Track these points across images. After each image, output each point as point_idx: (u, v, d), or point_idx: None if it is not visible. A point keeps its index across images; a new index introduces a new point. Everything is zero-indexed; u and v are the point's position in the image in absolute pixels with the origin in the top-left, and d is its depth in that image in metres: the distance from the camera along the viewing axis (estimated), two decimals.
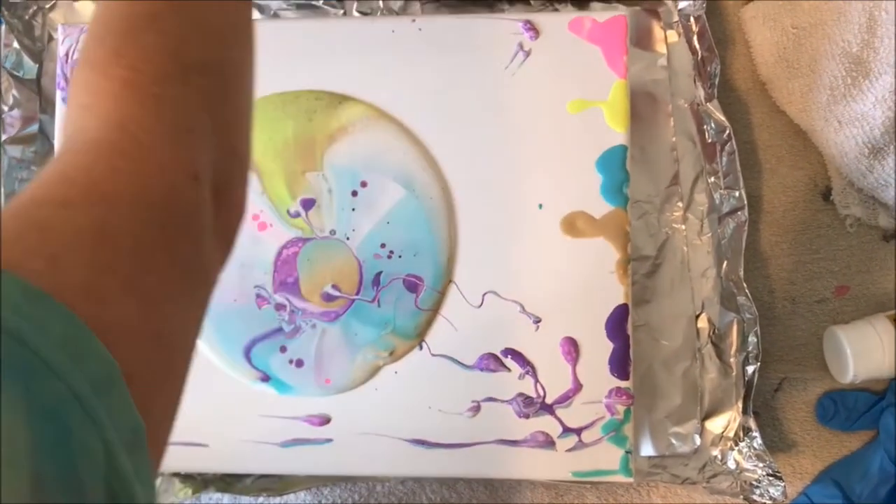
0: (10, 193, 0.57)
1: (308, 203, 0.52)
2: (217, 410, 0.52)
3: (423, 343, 0.51)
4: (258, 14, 0.59)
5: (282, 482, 0.54)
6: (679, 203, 0.56)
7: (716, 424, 0.55)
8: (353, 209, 0.52)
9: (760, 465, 0.53)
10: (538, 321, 0.51)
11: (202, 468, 0.53)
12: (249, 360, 0.51)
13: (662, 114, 0.57)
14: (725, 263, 0.55)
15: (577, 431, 0.50)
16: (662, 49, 0.57)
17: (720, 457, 0.54)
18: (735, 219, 0.54)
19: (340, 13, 0.59)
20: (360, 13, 0.59)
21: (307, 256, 0.52)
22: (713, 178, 0.56)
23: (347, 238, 0.52)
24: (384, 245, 0.51)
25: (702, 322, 0.56)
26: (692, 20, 0.56)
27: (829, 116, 0.55)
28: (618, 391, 0.50)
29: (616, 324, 0.50)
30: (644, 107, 0.57)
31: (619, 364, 0.50)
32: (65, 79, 0.54)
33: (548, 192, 0.51)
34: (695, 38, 0.56)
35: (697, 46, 0.56)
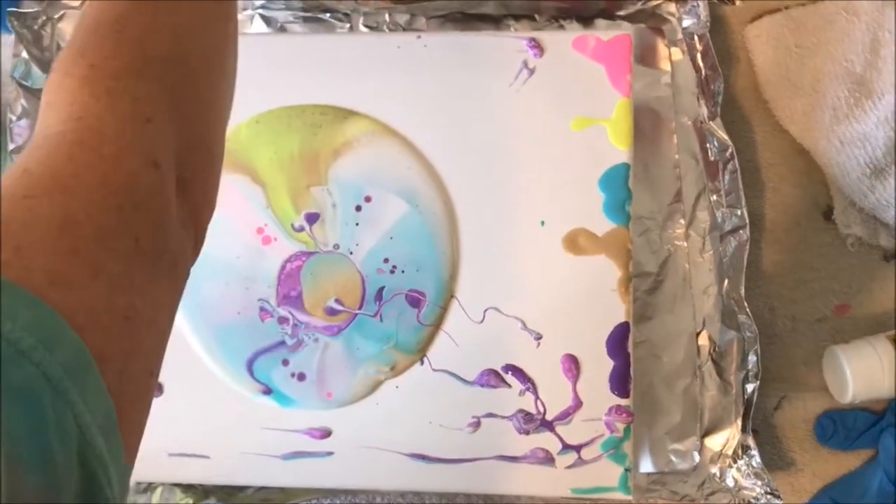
0: None
1: (312, 217, 0.52)
2: (219, 422, 0.52)
3: (425, 358, 0.51)
4: (265, 27, 0.60)
5: (283, 493, 0.55)
6: (681, 220, 0.57)
7: (715, 442, 0.55)
8: (357, 224, 0.52)
9: (759, 484, 0.53)
10: (539, 338, 0.51)
11: (203, 479, 0.53)
12: (252, 373, 0.52)
13: (666, 131, 0.57)
14: (727, 281, 0.55)
15: (577, 448, 0.51)
16: (667, 67, 0.57)
17: (719, 474, 0.54)
18: (737, 237, 0.55)
19: (347, 27, 0.59)
20: (367, 27, 0.59)
21: (311, 270, 0.52)
22: (715, 196, 0.56)
23: (351, 252, 0.52)
24: (387, 260, 0.52)
25: (702, 339, 0.56)
26: (696, 38, 0.56)
27: (832, 136, 0.55)
28: (618, 409, 0.50)
29: (617, 342, 0.51)
30: (648, 124, 0.57)
31: (620, 382, 0.50)
32: None
33: (550, 209, 0.51)
34: (699, 57, 0.57)
35: (701, 64, 0.56)
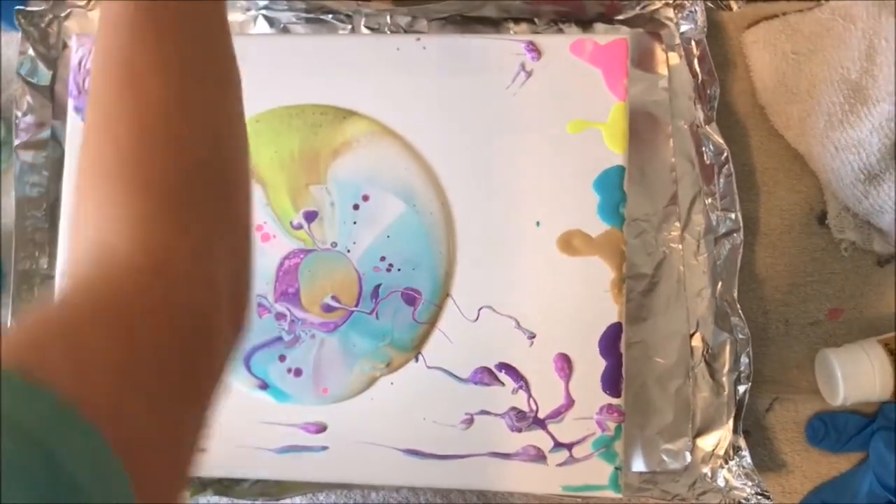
0: (21, 197, 0.59)
1: (311, 215, 0.53)
2: (216, 416, 0.52)
3: (420, 355, 0.52)
4: (268, 27, 0.60)
5: (279, 487, 0.55)
6: (677, 223, 0.57)
7: (707, 442, 0.55)
8: (355, 222, 0.53)
9: (749, 484, 0.53)
10: (533, 337, 0.52)
11: (200, 472, 0.54)
12: (249, 368, 0.52)
13: (662, 134, 0.58)
14: (720, 284, 0.55)
15: (569, 446, 0.51)
16: (664, 71, 0.58)
17: (710, 474, 0.55)
18: (731, 240, 0.55)
19: (349, 28, 0.60)
20: (368, 28, 0.60)
21: (308, 268, 0.53)
22: (710, 200, 0.56)
23: (348, 251, 0.53)
24: (384, 258, 0.52)
25: (696, 341, 0.56)
26: (693, 44, 0.57)
27: (826, 142, 0.55)
28: (609, 408, 0.51)
29: (609, 342, 0.51)
30: (644, 127, 0.57)
31: (612, 381, 0.51)
32: (77, 88, 0.55)
33: (545, 211, 0.52)
34: (696, 62, 0.57)
35: (698, 69, 0.57)
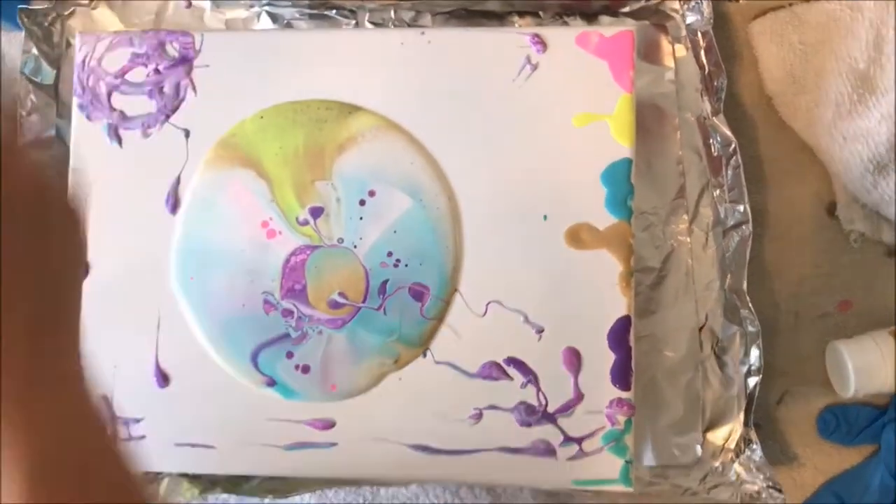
0: None
1: (317, 211, 0.53)
2: (224, 413, 0.52)
3: (428, 351, 0.52)
4: (271, 23, 0.60)
5: (287, 484, 0.55)
6: (685, 216, 0.57)
7: (717, 436, 0.55)
8: (361, 218, 0.52)
9: (761, 478, 0.53)
10: (541, 331, 0.51)
11: (208, 469, 0.54)
12: (256, 365, 0.52)
13: (669, 127, 0.57)
14: (729, 276, 0.55)
15: (578, 441, 0.51)
16: (670, 63, 0.58)
17: (721, 468, 0.55)
18: (739, 232, 0.55)
19: (352, 24, 0.60)
20: (373, 23, 0.60)
21: (315, 264, 0.53)
22: (718, 192, 0.56)
23: (355, 246, 0.52)
24: (391, 254, 0.52)
25: (705, 334, 0.56)
26: (700, 35, 0.57)
27: (835, 132, 0.55)
28: (619, 402, 0.51)
29: (618, 335, 0.51)
30: (651, 119, 0.57)
31: (621, 375, 0.51)
32: (81, 86, 0.55)
33: (553, 204, 0.52)
34: (702, 53, 0.57)
35: (705, 61, 0.57)
